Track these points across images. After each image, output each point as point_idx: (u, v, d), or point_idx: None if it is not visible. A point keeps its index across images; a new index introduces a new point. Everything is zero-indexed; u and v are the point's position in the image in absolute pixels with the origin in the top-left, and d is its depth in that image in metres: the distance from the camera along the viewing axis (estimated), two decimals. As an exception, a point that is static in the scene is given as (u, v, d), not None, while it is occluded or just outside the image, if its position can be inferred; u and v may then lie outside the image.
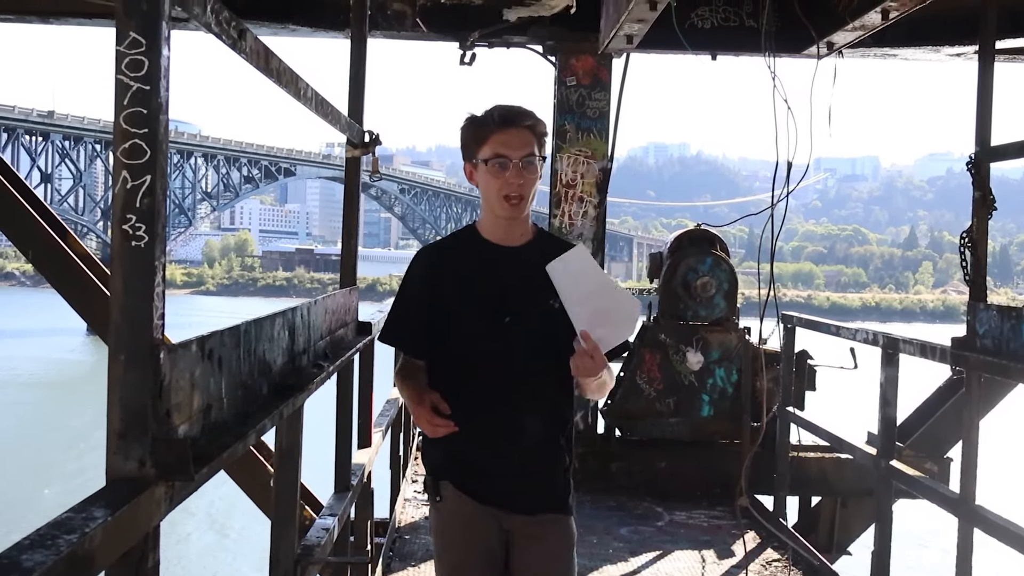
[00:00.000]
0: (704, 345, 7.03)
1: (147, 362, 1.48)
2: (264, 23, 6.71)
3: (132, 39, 1.46)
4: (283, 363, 2.43)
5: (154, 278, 1.49)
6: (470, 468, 2.76)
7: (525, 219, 2.76)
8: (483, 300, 2.73)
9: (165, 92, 1.50)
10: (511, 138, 2.64)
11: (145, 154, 1.47)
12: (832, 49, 4.70)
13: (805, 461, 7.04)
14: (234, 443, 1.81)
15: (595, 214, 6.97)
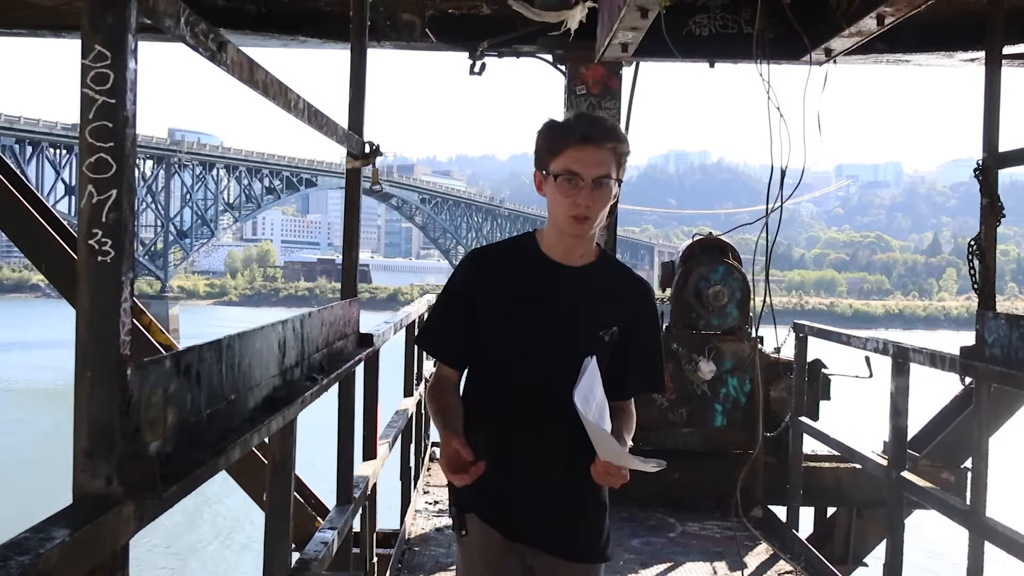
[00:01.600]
0: (716, 354, 6.98)
1: (114, 379, 1.47)
2: (273, 35, 6.73)
3: (97, 52, 1.44)
4: (272, 376, 2.42)
5: (121, 294, 1.47)
6: (497, 498, 2.61)
7: (590, 239, 2.62)
8: (529, 318, 2.60)
9: (132, 105, 1.48)
10: (587, 156, 2.48)
11: (111, 168, 1.46)
12: (830, 56, 4.66)
13: (820, 471, 6.97)
14: (211, 459, 1.79)
15: (606, 224, 6.92)
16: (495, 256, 2.72)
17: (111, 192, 1.46)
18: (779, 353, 7.07)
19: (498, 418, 2.63)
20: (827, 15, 4.29)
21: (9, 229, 6.98)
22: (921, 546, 15.19)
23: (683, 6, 5.02)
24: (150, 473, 1.53)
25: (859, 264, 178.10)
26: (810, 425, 6.01)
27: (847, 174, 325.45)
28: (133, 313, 4.79)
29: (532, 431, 2.60)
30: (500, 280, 2.63)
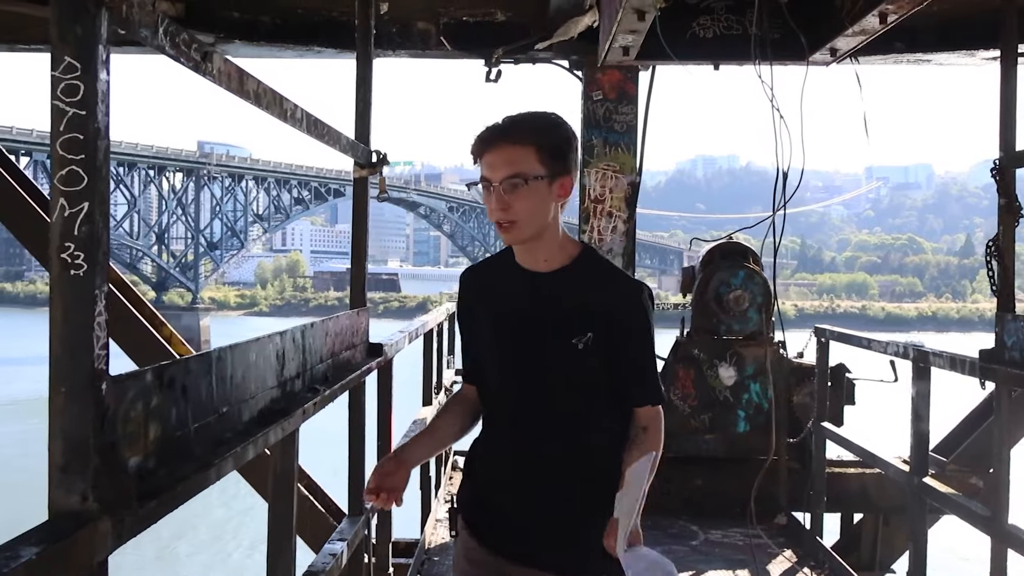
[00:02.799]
0: (738, 360, 6.91)
1: (88, 394, 1.45)
2: (288, 46, 6.74)
3: (67, 63, 1.43)
4: (271, 388, 2.40)
5: (94, 307, 1.45)
6: (480, 505, 2.57)
7: (544, 242, 2.43)
8: (498, 331, 2.50)
9: (104, 117, 1.47)
10: (494, 158, 2.34)
11: (82, 181, 1.44)
12: (836, 55, 4.60)
13: (845, 477, 6.89)
14: (195, 474, 1.76)
15: (624, 229, 6.89)
16: (481, 271, 2.67)
17: (83, 205, 1.44)
18: (802, 358, 7.00)
19: (486, 432, 2.60)
20: (832, 15, 4.24)
21: (27, 242, 7.03)
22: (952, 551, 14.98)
23: (686, 8, 4.99)
24: (127, 489, 1.51)
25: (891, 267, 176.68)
26: (832, 431, 5.93)
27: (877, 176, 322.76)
28: (153, 325, 4.81)
29: (508, 443, 2.51)
30: (484, 295, 2.57)
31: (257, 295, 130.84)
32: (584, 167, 6.92)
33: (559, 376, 2.42)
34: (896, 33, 6.35)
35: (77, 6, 1.42)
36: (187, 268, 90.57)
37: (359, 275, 3.78)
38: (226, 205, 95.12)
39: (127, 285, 7.14)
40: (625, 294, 2.45)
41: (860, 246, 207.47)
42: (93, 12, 1.43)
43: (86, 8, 1.43)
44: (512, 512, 2.50)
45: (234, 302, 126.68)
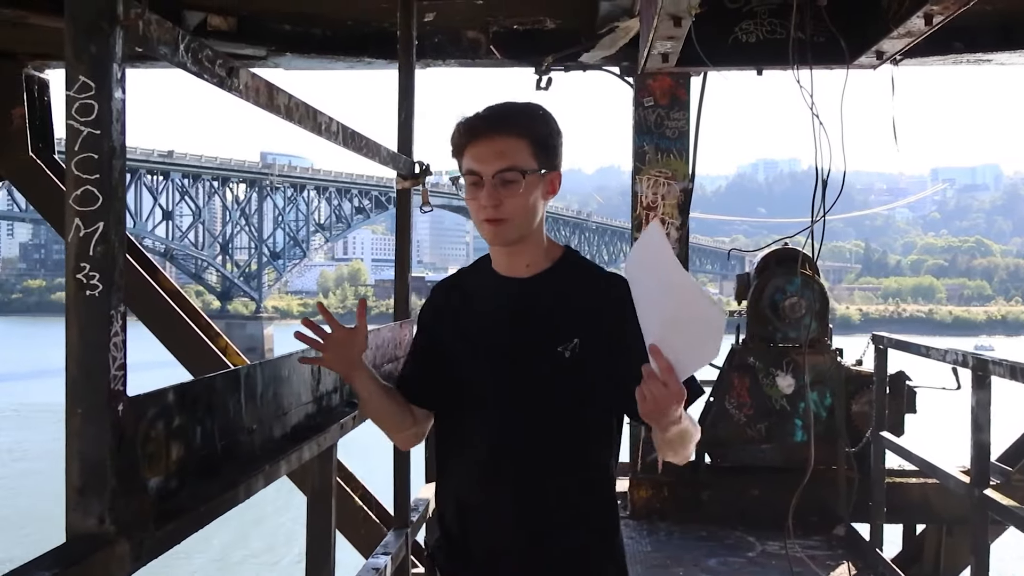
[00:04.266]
0: (795, 368, 6.78)
1: (105, 415, 1.44)
2: (340, 58, 6.77)
3: (81, 83, 1.42)
4: (305, 404, 2.38)
5: (110, 328, 1.44)
6: (463, 557, 2.25)
7: (529, 245, 2.24)
8: (474, 346, 2.24)
9: (119, 136, 1.46)
10: (483, 150, 2.14)
11: (97, 200, 1.43)
12: (882, 58, 4.49)
13: (907, 487, 6.73)
14: (220, 494, 1.75)
15: (677, 236, 6.81)
16: (451, 285, 2.42)
17: (98, 225, 1.43)
18: (861, 365, 6.86)
19: (459, 469, 2.27)
20: (877, 17, 4.14)
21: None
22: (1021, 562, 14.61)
23: (729, 13, 4.91)
24: (145, 511, 1.49)
25: (958, 270, 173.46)
26: (891, 440, 5.80)
27: (943, 178, 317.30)
28: (209, 336, 4.84)
29: (489, 481, 2.21)
30: (453, 305, 2.33)
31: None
32: (636, 174, 6.86)
33: (548, 393, 2.18)
34: (954, 33, 6.23)
35: (91, 25, 1.42)
36: (251, 278, 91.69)
37: (402, 287, 3.77)
38: (288, 215, 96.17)
39: (182, 296, 7.21)
40: (613, 292, 2.18)
41: (926, 249, 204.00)
42: (107, 31, 1.42)
43: (100, 27, 1.42)
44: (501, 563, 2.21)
45: (297, 311, 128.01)
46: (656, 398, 1.91)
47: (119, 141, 1.46)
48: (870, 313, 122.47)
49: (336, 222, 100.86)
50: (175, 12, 6.31)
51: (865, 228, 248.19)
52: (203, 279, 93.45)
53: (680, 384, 1.92)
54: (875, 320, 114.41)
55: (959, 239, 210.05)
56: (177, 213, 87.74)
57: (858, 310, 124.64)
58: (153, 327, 7.10)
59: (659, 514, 6.71)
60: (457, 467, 2.27)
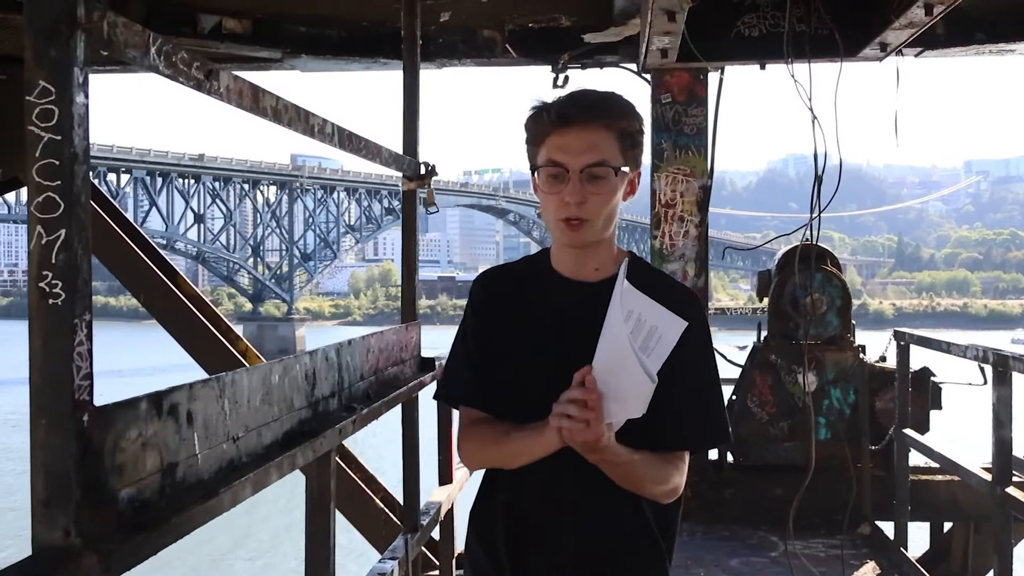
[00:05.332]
0: (818, 365, 6.70)
1: (69, 426, 1.41)
2: (355, 59, 6.75)
3: (42, 88, 1.40)
4: (299, 409, 2.35)
5: (73, 337, 1.41)
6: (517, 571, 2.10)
7: (602, 247, 2.09)
8: (533, 351, 2.08)
9: (81, 141, 1.43)
10: (571, 140, 1.96)
11: (59, 207, 1.41)
12: (887, 50, 4.41)
13: (933, 484, 6.63)
14: (200, 503, 1.72)
15: (696, 233, 6.74)
16: (503, 276, 2.23)
17: (60, 232, 1.41)
18: (884, 362, 6.76)
19: (512, 481, 2.09)
20: (880, 9, 4.06)
21: (107, 261, 7.17)
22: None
23: (731, 7, 4.84)
24: (113, 523, 1.47)
25: (993, 263, 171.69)
26: (914, 437, 5.71)
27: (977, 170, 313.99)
28: (229, 339, 4.84)
29: (548, 489, 2.06)
30: (508, 307, 2.14)
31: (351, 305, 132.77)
32: (654, 171, 6.80)
33: None
34: (977, 24, 6.13)
35: (50, 28, 1.39)
36: (282, 279, 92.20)
37: (409, 289, 3.73)
38: (319, 216, 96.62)
39: (202, 300, 7.23)
40: (684, 304, 2.02)
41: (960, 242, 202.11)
42: (67, 34, 1.40)
43: (59, 31, 1.39)
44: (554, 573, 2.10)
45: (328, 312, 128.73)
46: (571, 423, 1.86)
47: (81, 147, 1.43)
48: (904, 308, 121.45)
49: (366, 223, 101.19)
50: (190, 16, 6.33)
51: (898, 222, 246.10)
52: (235, 281, 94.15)
53: (599, 425, 1.85)
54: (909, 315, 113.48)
55: (994, 232, 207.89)
56: (209, 216, 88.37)
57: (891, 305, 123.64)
58: (173, 331, 7.13)
59: (682, 514, 6.65)
60: (509, 482, 2.09)
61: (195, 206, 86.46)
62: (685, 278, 6.69)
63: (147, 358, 66.81)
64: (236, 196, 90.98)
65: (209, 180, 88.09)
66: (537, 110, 2.03)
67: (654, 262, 6.76)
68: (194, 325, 6.99)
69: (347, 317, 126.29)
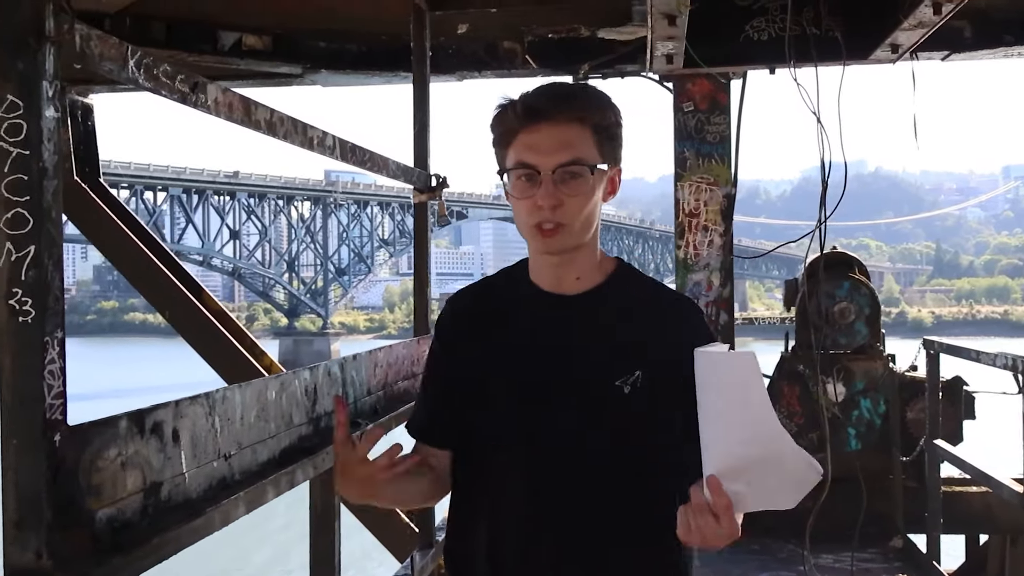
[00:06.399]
0: (846, 375, 6.60)
1: (40, 445, 1.38)
2: (375, 73, 6.75)
3: (10, 102, 1.38)
4: (298, 425, 2.32)
5: (45, 354, 1.39)
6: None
7: (583, 254, 1.86)
8: (510, 373, 1.86)
9: (51, 156, 1.41)
10: (541, 138, 1.77)
11: (28, 223, 1.39)
12: (898, 51, 4.33)
13: (967, 496, 6.50)
14: (185, 522, 1.69)
15: (721, 242, 6.67)
16: (476, 297, 2.01)
17: (29, 248, 1.39)
18: (915, 371, 6.65)
19: (492, 520, 1.88)
20: (890, 10, 3.98)
21: (133, 277, 7.21)
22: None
23: (739, 11, 4.78)
24: (87, 545, 1.44)
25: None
26: (945, 448, 5.60)
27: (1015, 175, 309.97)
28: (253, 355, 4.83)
29: (534, 538, 1.84)
30: (479, 328, 1.93)
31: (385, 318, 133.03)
32: (678, 180, 6.74)
33: (604, 429, 1.81)
34: (1004, 27, 6.03)
35: (17, 41, 1.37)
36: (317, 294, 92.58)
37: (422, 302, 3.70)
38: (353, 231, 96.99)
39: (226, 314, 7.24)
40: (680, 317, 1.89)
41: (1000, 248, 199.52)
42: (35, 47, 1.38)
43: (26, 43, 1.37)
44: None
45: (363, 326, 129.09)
46: (704, 534, 1.62)
47: (51, 161, 1.41)
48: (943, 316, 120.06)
49: (400, 237, 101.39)
50: (210, 34, 6.35)
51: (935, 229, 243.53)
52: (271, 297, 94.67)
53: (735, 523, 1.64)
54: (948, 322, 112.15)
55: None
56: (244, 232, 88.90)
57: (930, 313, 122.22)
58: (198, 347, 7.14)
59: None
60: (487, 521, 1.88)
61: (231, 222, 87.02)
62: (710, 288, 6.62)
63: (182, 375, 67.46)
64: (271, 212, 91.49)
65: (244, 197, 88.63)
66: (502, 107, 1.84)
67: (678, 273, 6.69)
68: (219, 340, 6.99)
69: (382, 331, 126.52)
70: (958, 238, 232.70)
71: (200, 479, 1.80)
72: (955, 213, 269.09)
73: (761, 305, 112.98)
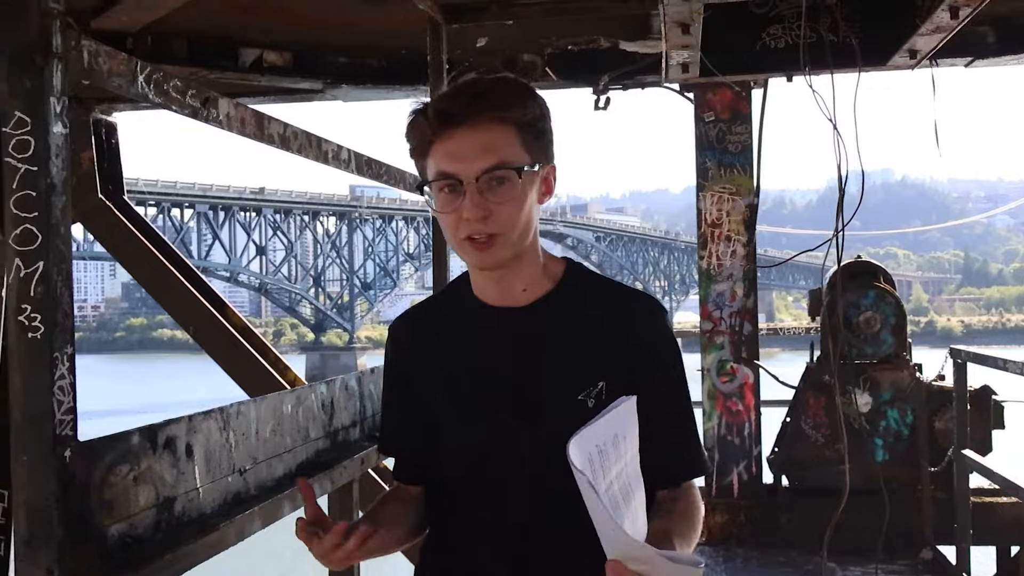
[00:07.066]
0: (873, 385, 6.54)
1: (50, 462, 1.38)
2: (396, 87, 6.76)
3: (17, 119, 1.38)
4: (315, 439, 2.32)
5: (54, 371, 1.39)
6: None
7: (525, 262, 1.73)
8: (470, 400, 1.75)
9: (60, 172, 1.41)
10: (459, 144, 1.63)
11: (36, 239, 1.39)
12: (916, 57, 4.29)
13: (999, 507, 6.42)
14: (198, 538, 1.68)
15: (744, 252, 6.63)
16: (420, 318, 1.90)
17: (38, 264, 1.39)
18: (943, 380, 6.58)
19: (453, 549, 1.79)
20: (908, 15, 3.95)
21: (157, 293, 7.25)
22: None
23: (755, 19, 4.76)
24: (99, 560, 1.43)
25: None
26: (974, 459, 5.53)
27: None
28: (277, 370, 4.83)
29: (497, 564, 1.73)
30: (432, 354, 1.81)
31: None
32: (700, 190, 6.72)
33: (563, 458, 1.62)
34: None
35: (24, 58, 1.38)
36: (343, 309, 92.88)
37: (441, 315, 3.69)
38: (378, 246, 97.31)
39: (250, 330, 7.25)
40: (642, 316, 1.75)
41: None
42: (41, 64, 1.38)
43: (32, 61, 1.38)
44: None
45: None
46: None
47: (59, 178, 1.41)
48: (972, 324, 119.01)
49: (425, 251, 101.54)
50: (231, 51, 6.38)
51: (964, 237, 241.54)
52: (297, 312, 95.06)
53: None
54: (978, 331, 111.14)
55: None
56: (270, 248, 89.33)
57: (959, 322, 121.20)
58: (222, 362, 7.15)
59: (736, 539, 6.52)
60: (455, 547, 1.79)
61: (257, 238, 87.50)
62: (734, 298, 6.59)
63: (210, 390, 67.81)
64: (296, 228, 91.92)
65: (270, 212, 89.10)
66: (415, 114, 1.70)
67: (701, 283, 6.66)
68: (243, 355, 7.00)
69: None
70: (987, 246, 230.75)
71: (214, 494, 1.80)
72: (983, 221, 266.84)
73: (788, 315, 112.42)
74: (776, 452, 6.68)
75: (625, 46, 5.96)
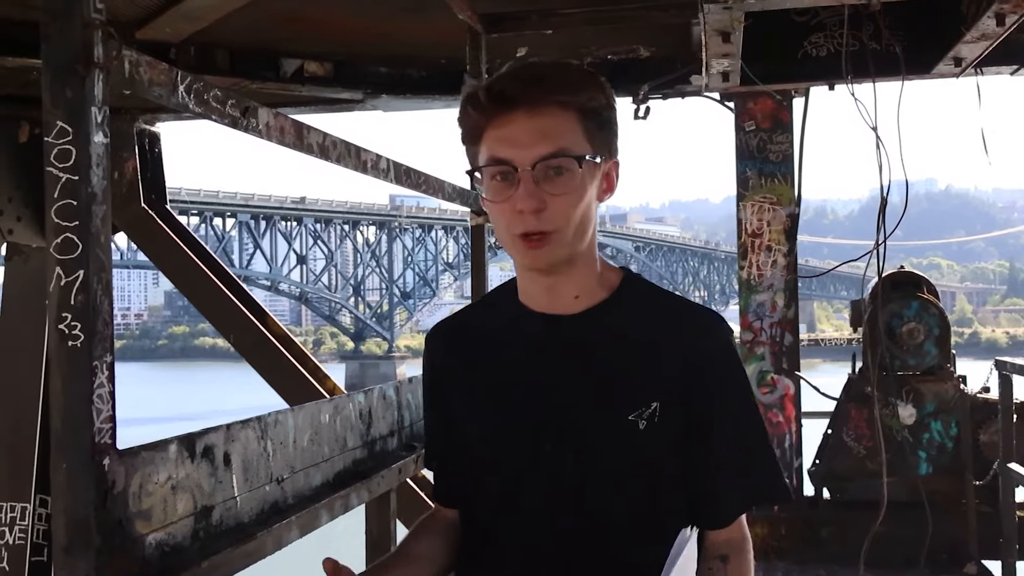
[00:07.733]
0: (916, 397, 6.45)
1: (89, 470, 1.39)
2: (436, 97, 6.79)
3: (59, 128, 1.39)
4: (353, 449, 2.31)
5: (93, 379, 1.40)
6: None
7: (580, 266, 1.60)
8: (507, 413, 1.60)
9: (100, 182, 1.42)
10: (516, 129, 1.49)
11: (77, 248, 1.40)
12: (961, 65, 4.23)
13: (1045, 522, 6.31)
14: (236, 546, 1.69)
15: (785, 263, 6.57)
16: (463, 327, 1.76)
17: (78, 273, 1.40)
18: (987, 392, 6.48)
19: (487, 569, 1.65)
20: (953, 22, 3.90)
21: (198, 302, 7.32)
22: None
23: (797, 28, 4.72)
24: (135, 569, 1.44)
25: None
26: (1020, 472, 5.44)
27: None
28: (316, 378, 4.86)
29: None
30: (474, 363, 1.67)
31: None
32: (740, 200, 6.67)
33: (615, 481, 1.55)
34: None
35: (66, 68, 1.39)
36: (382, 318, 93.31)
37: (479, 325, 3.68)
38: (417, 255, 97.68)
39: (290, 339, 7.30)
40: (707, 334, 1.60)
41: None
42: (83, 74, 1.39)
43: (75, 70, 1.39)
44: None
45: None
46: None
47: (100, 187, 1.42)
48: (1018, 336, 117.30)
49: (464, 260, 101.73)
50: (273, 61, 6.43)
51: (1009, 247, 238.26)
52: (337, 321, 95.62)
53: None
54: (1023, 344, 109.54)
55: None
56: (310, 257, 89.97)
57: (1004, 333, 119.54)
58: (262, 370, 7.20)
59: (776, 553, 6.45)
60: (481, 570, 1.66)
61: (297, 248, 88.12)
62: (774, 309, 6.53)
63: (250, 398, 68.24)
64: (337, 237, 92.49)
65: (311, 222, 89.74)
66: (469, 96, 1.57)
67: (741, 293, 6.61)
68: (282, 364, 7.05)
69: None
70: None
71: (252, 503, 1.80)
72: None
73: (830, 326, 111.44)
74: (817, 464, 6.60)
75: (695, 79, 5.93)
